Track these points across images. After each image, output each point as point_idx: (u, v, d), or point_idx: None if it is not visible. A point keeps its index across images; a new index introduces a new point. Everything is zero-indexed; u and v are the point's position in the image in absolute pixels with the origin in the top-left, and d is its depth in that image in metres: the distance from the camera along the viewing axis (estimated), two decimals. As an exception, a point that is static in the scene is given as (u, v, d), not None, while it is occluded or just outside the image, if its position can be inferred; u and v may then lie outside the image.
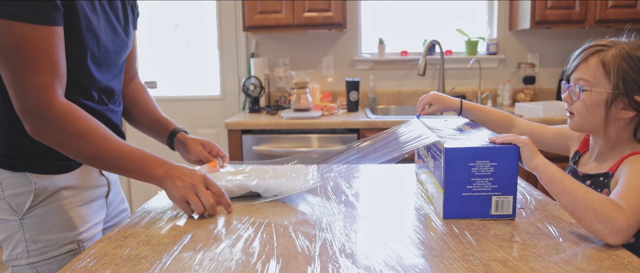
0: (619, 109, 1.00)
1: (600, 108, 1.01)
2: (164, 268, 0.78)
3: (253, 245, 0.86)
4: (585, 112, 1.03)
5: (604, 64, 0.99)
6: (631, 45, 1.00)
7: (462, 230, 0.93)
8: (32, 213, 1.04)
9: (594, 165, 1.09)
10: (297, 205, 1.10)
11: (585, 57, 1.03)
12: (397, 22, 3.13)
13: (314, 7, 2.69)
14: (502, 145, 0.96)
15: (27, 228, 1.04)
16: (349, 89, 2.83)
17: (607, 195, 1.00)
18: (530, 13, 2.65)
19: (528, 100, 2.96)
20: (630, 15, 2.60)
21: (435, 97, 1.31)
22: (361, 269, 0.76)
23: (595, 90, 1.01)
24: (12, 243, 1.05)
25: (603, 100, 1.00)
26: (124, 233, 0.93)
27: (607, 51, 1.00)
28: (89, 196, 1.12)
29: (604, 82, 1.00)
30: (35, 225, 1.04)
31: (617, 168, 1.00)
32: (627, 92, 0.97)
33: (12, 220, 1.04)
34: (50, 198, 1.05)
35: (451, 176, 0.96)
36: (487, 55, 3.02)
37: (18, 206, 1.03)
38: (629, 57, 0.98)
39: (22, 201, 1.03)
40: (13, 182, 1.03)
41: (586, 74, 1.02)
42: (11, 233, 1.05)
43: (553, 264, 0.77)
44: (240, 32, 3.06)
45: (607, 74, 0.99)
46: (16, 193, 1.03)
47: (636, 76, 0.97)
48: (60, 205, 1.06)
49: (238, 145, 2.54)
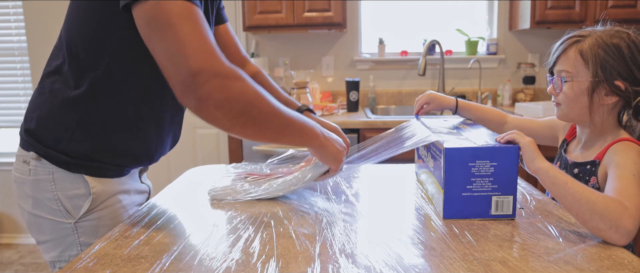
0: (602, 95, 1.04)
1: (583, 97, 1.05)
2: (164, 268, 0.78)
3: (253, 245, 0.86)
4: (570, 102, 1.07)
5: (582, 54, 1.04)
6: (606, 33, 1.04)
7: (462, 230, 0.93)
8: (89, 217, 1.01)
9: (581, 153, 1.13)
10: (297, 205, 1.10)
11: (564, 49, 1.07)
12: (397, 22, 3.13)
13: (314, 7, 2.69)
14: (503, 145, 0.96)
15: (82, 232, 1.02)
16: (349, 89, 2.83)
17: (595, 182, 1.05)
18: (530, 13, 2.65)
19: (528, 100, 2.96)
20: (630, 15, 2.60)
21: (431, 96, 1.34)
22: (361, 269, 0.76)
23: (577, 80, 1.05)
24: (63, 244, 1.02)
25: (585, 89, 1.05)
26: (124, 233, 0.93)
27: (584, 41, 1.05)
28: (136, 200, 1.13)
29: (584, 72, 1.04)
30: (92, 229, 1.02)
31: (603, 155, 1.04)
32: (607, 78, 1.02)
33: (65, 222, 1.01)
34: (106, 202, 1.03)
35: (451, 176, 0.96)
36: (487, 55, 3.02)
37: (74, 209, 1.01)
38: (604, 44, 1.02)
39: (77, 204, 1.00)
40: (68, 182, 1.00)
41: (566, 65, 1.07)
42: (63, 235, 1.02)
43: (553, 264, 0.77)
44: (240, 32, 3.06)
45: (586, 63, 1.04)
46: (71, 195, 1.00)
47: (613, 62, 1.02)
48: (115, 209, 1.05)
49: (238, 145, 2.54)
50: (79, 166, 1.00)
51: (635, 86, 1.01)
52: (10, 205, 3.28)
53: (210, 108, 0.84)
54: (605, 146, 1.05)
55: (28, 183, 1.01)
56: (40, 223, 1.03)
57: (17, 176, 1.03)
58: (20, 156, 1.03)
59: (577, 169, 1.10)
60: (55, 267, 1.05)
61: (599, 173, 1.04)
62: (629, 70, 1.01)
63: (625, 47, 1.02)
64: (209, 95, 0.82)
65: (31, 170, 1.00)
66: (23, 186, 1.02)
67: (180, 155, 3.11)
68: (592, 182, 1.05)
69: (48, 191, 1.00)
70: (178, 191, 1.23)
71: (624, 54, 1.01)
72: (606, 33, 1.04)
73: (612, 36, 1.03)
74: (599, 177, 1.04)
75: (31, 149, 1.00)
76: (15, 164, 1.04)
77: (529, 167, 0.96)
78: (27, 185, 1.01)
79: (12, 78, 3.27)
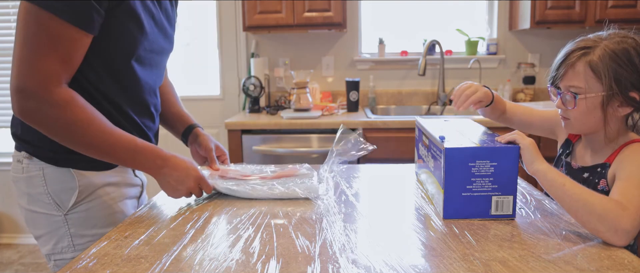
0: (616, 107, 1.00)
1: (597, 111, 1.00)
2: (164, 268, 0.78)
3: (253, 245, 0.86)
4: (583, 117, 1.02)
5: (592, 68, 0.98)
6: (614, 40, 0.99)
7: (462, 230, 0.92)
8: (77, 209, 1.06)
9: (590, 156, 1.10)
10: (297, 205, 1.10)
11: (572, 63, 1.01)
12: (397, 22, 3.13)
13: (314, 7, 2.69)
14: (503, 145, 0.96)
15: (72, 224, 1.06)
16: (349, 89, 2.82)
17: (605, 185, 1.02)
18: (530, 13, 2.65)
19: (528, 100, 2.96)
20: (630, 15, 2.60)
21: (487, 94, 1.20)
22: (361, 269, 0.76)
23: (590, 95, 1.00)
24: (56, 237, 1.07)
25: (599, 103, 1.00)
26: (124, 233, 0.93)
27: (592, 52, 0.99)
28: (127, 193, 1.15)
29: (596, 86, 0.99)
30: (81, 220, 1.07)
31: (614, 157, 1.01)
32: (622, 90, 0.97)
33: (56, 215, 1.06)
34: (94, 194, 1.07)
35: (451, 176, 0.96)
36: (487, 55, 3.02)
37: (62, 202, 1.05)
38: (615, 55, 0.97)
39: (66, 197, 1.05)
40: (57, 177, 1.05)
41: (576, 80, 1.01)
42: (55, 228, 1.07)
43: (553, 264, 0.77)
44: (240, 32, 3.06)
45: (598, 77, 0.98)
46: (60, 189, 1.05)
47: (627, 73, 0.97)
48: (104, 201, 1.09)
49: (238, 145, 2.54)
50: (65, 161, 1.04)
51: None
52: (10, 205, 3.28)
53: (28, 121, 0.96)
54: (616, 148, 1.03)
55: (22, 180, 1.07)
56: (35, 218, 1.08)
57: (14, 176, 1.09)
58: (15, 157, 1.09)
59: (586, 173, 1.07)
60: (51, 260, 1.09)
61: (609, 175, 1.02)
62: None
63: (635, 55, 0.97)
64: (25, 112, 0.94)
65: (24, 168, 1.06)
66: (19, 184, 1.08)
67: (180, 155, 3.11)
68: (601, 185, 1.03)
69: (40, 186, 1.05)
70: (178, 191, 1.23)
71: (635, 63, 0.97)
72: (612, 41, 0.99)
73: (619, 42, 0.98)
74: (609, 180, 1.02)
75: (22, 149, 1.06)
76: (12, 165, 1.10)
77: (528, 168, 0.96)
78: (21, 182, 1.07)
79: (12, 78, 3.27)
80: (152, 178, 1.08)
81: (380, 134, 2.46)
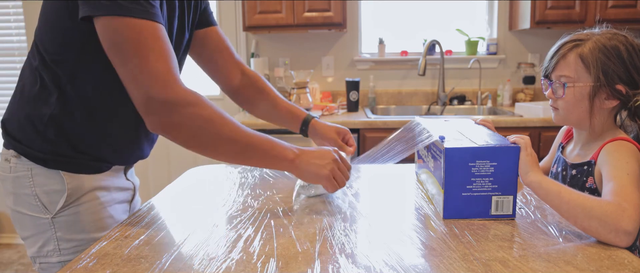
0: (602, 99, 1.04)
1: (584, 101, 1.05)
2: (164, 268, 0.78)
3: (253, 245, 0.86)
4: (570, 106, 1.07)
5: (582, 59, 1.03)
6: (605, 36, 1.04)
7: (462, 230, 0.93)
8: (65, 213, 1.02)
9: (578, 154, 1.13)
10: (298, 204, 1.10)
11: (563, 54, 1.06)
12: (397, 22, 3.13)
13: (314, 7, 2.69)
14: (503, 145, 0.96)
15: (59, 227, 1.03)
16: (349, 89, 2.83)
17: (592, 182, 1.05)
18: (530, 13, 2.65)
19: (528, 100, 2.96)
20: (630, 15, 2.60)
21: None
22: (361, 269, 0.76)
23: (578, 85, 1.05)
24: (42, 240, 1.03)
25: (586, 93, 1.04)
26: (124, 233, 0.93)
27: (583, 45, 1.04)
28: (117, 197, 1.12)
29: (585, 76, 1.04)
30: (68, 224, 1.03)
31: (598, 155, 1.03)
32: (608, 82, 1.02)
33: (43, 217, 1.02)
34: (83, 197, 1.04)
35: (451, 176, 0.96)
36: (487, 55, 3.02)
37: (50, 205, 1.02)
38: (605, 48, 1.02)
39: (54, 199, 1.01)
40: (45, 179, 1.01)
41: (566, 70, 1.06)
42: (41, 231, 1.03)
43: (553, 264, 0.77)
44: (240, 32, 3.06)
45: (587, 68, 1.03)
46: (48, 191, 1.01)
47: (614, 66, 1.01)
48: (92, 205, 1.05)
49: (238, 145, 2.54)
50: (55, 162, 1.01)
51: (634, 89, 1.01)
52: (10, 205, 3.28)
53: (159, 131, 0.94)
54: (601, 145, 1.05)
55: (9, 180, 1.03)
56: (21, 219, 1.05)
57: (0, 174, 1.06)
58: (2, 155, 1.06)
59: (574, 170, 1.10)
60: (35, 263, 1.06)
61: (595, 173, 1.04)
62: (629, 73, 1.01)
63: (624, 50, 1.01)
64: (158, 120, 0.92)
65: (11, 167, 1.03)
66: (5, 184, 1.05)
67: (180, 155, 3.11)
68: (589, 183, 1.05)
69: (27, 187, 1.02)
70: (178, 191, 1.23)
71: (623, 58, 1.01)
72: (604, 36, 1.03)
73: (610, 38, 1.03)
74: (595, 177, 1.04)
75: (11, 147, 1.03)
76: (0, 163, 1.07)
77: (523, 180, 0.96)
78: (8, 182, 1.04)
79: (12, 78, 3.27)
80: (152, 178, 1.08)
81: (380, 134, 2.46)
